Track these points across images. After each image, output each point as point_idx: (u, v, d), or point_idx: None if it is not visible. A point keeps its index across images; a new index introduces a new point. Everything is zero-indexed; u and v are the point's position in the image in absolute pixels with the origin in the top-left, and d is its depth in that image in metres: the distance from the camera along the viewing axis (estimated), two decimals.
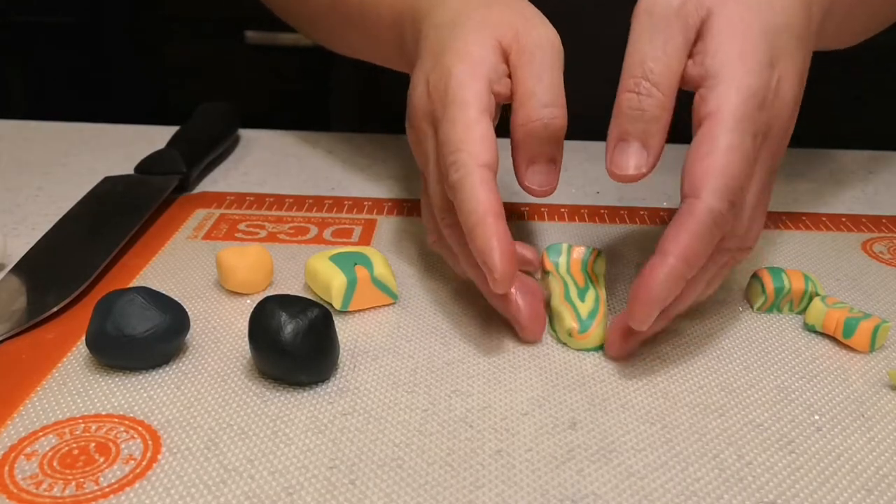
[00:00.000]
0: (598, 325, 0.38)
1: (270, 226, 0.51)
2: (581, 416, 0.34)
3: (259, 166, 0.62)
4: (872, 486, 0.31)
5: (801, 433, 0.34)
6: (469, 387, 0.36)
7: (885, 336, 0.40)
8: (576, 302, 0.39)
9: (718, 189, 0.34)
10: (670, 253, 0.34)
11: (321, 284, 0.41)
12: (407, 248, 0.48)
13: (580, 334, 0.38)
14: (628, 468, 0.31)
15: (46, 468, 0.31)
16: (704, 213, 0.34)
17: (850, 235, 0.52)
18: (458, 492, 0.30)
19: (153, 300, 0.36)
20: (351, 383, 0.36)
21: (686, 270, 0.34)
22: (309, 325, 0.34)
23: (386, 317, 0.41)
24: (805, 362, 0.39)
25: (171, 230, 0.50)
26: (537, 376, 0.37)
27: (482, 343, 0.39)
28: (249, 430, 0.33)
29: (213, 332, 0.39)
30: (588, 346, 0.38)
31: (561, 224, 0.52)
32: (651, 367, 0.38)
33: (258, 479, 0.30)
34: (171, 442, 0.32)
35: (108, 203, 0.52)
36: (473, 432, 0.33)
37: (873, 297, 0.45)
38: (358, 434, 0.33)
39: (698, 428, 0.34)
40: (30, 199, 0.55)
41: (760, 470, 0.32)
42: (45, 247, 0.46)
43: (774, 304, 0.42)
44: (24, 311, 0.40)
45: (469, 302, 0.42)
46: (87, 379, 0.36)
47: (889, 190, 0.60)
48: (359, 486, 0.30)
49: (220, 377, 0.36)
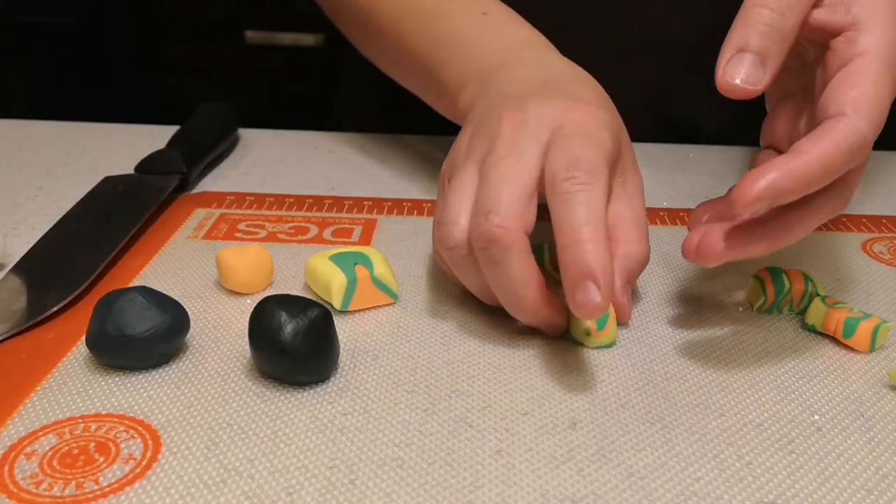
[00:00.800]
0: (613, 322, 0.39)
1: (270, 225, 0.51)
2: (581, 416, 0.34)
3: (259, 166, 0.62)
4: (872, 486, 0.31)
5: (800, 433, 0.34)
6: (469, 387, 0.36)
7: (885, 336, 0.40)
8: None
9: (869, 114, 0.34)
10: (807, 152, 0.33)
11: (321, 284, 0.41)
12: (407, 248, 0.48)
13: (598, 332, 0.38)
14: (628, 468, 0.31)
15: (46, 468, 0.31)
16: (850, 129, 0.34)
17: (850, 235, 0.52)
18: (458, 492, 0.30)
19: (153, 300, 0.36)
20: (351, 383, 0.36)
21: (818, 173, 0.33)
22: (309, 325, 0.34)
23: (386, 317, 0.41)
24: (805, 362, 0.39)
25: (171, 230, 0.50)
26: (537, 376, 0.37)
27: (482, 343, 0.39)
28: (249, 430, 0.33)
29: (213, 332, 0.39)
30: (605, 343, 0.39)
31: None
32: (651, 367, 0.38)
33: (258, 479, 0.30)
34: (171, 442, 0.32)
35: (108, 203, 0.52)
36: (473, 432, 0.33)
37: (873, 297, 0.45)
38: (358, 434, 0.33)
39: (698, 428, 0.34)
40: (30, 199, 0.55)
41: (760, 470, 0.32)
42: (45, 247, 0.46)
43: (774, 304, 0.42)
44: (24, 311, 0.40)
45: (469, 302, 0.42)
46: (87, 379, 0.36)
47: (889, 190, 0.60)
48: (359, 486, 0.30)
49: (220, 377, 0.36)
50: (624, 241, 0.39)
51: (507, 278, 0.37)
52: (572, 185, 0.36)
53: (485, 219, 0.36)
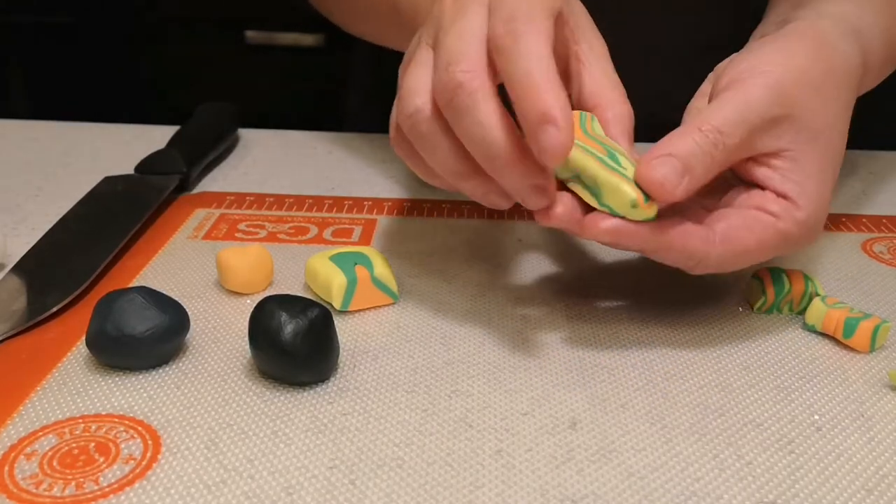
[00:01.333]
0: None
1: (270, 226, 0.51)
2: (581, 416, 0.34)
3: (259, 166, 0.62)
4: (872, 486, 0.31)
5: (800, 433, 0.34)
6: (469, 387, 0.36)
7: (885, 336, 0.40)
8: (622, 169, 0.36)
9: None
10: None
11: (321, 284, 0.41)
12: (407, 248, 0.48)
13: (646, 204, 0.35)
14: (628, 468, 0.31)
15: (46, 468, 0.31)
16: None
17: (850, 235, 0.52)
18: (457, 492, 0.30)
19: (153, 300, 0.36)
20: (351, 383, 0.36)
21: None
22: (309, 325, 0.34)
23: (386, 317, 0.41)
24: (805, 362, 0.39)
25: (171, 230, 0.50)
26: (537, 376, 0.37)
27: (482, 343, 0.39)
28: (249, 430, 0.33)
29: (213, 332, 0.39)
30: (651, 216, 0.35)
31: None
32: (651, 367, 0.38)
33: (258, 479, 0.30)
34: (171, 442, 0.32)
35: (108, 203, 0.52)
36: (473, 432, 0.33)
37: (873, 297, 0.45)
38: (358, 434, 0.33)
39: (698, 428, 0.34)
40: (30, 199, 0.55)
41: (760, 470, 0.32)
42: (45, 247, 0.46)
43: (774, 305, 0.42)
44: (24, 311, 0.40)
45: (469, 302, 0.42)
46: (87, 379, 0.36)
47: (889, 190, 0.60)
48: (359, 486, 0.30)
49: (220, 377, 0.36)
50: (610, 103, 0.40)
51: (479, 124, 0.35)
52: (512, 38, 0.35)
53: (446, 71, 0.35)
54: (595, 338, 0.40)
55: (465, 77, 0.35)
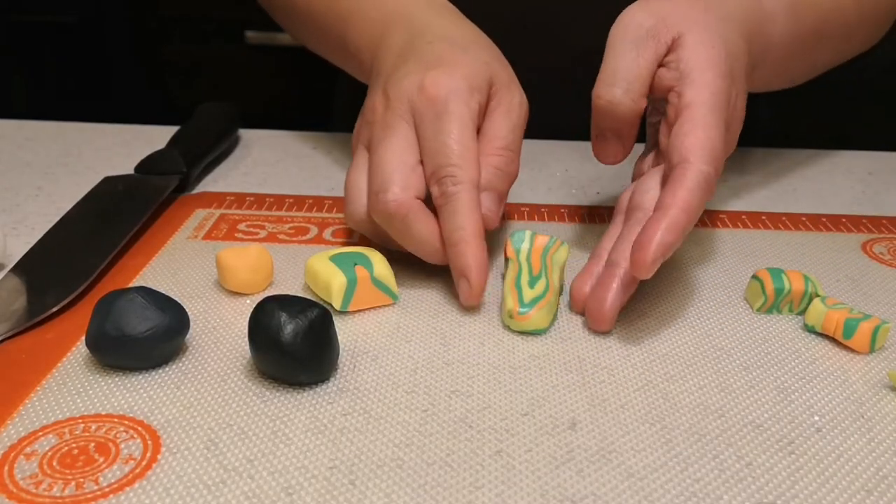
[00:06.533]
0: (540, 310, 0.39)
1: (270, 226, 0.51)
2: (581, 417, 0.34)
3: (259, 166, 0.62)
4: (872, 486, 0.31)
5: (800, 434, 0.34)
6: (469, 387, 0.36)
7: (885, 337, 0.40)
8: (524, 287, 0.41)
9: (706, 156, 0.39)
10: (671, 206, 0.38)
11: (321, 284, 0.41)
12: None
13: (519, 315, 0.39)
14: (628, 469, 0.31)
15: (46, 468, 0.31)
16: (697, 173, 0.39)
17: (850, 236, 0.52)
18: (457, 492, 0.30)
19: (153, 300, 0.36)
20: (351, 383, 0.36)
21: (686, 222, 0.38)
22: (309, 325, 0.34)
23: (386, 317, 0.41)
24: (805, 363, 0.39)
25: (171, 230, 0.50)
26: (537, 376, 0.37)
27: (482, 343, 0.39)
28: (249, 430, 0.33)
29: (213, 332, 0.39)
30: (528, 328, 0.39)
31: (560, 224, 0.52)
32: (651, 367, 0.38)
33: (258, 479, 0.30)
34: (171, 442, 0.32)
35: (108, 203, 0.52)
36: (473, 432, 0.33)
37: (873, 297, 0.45)
38: (358, 434, 0.33)
39: (698, 429, 0.34)
40: (30, 199, 0.55)
41: (760, 471, 0.32)
42: (45, 247, 0.46)
43: (774, 305, 0.42)
44: (24, 311, 0.40)
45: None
46: (86, 379, 0.36)
47: (889, 190, 0.60)
48: (358, 487, 0.30)
49: (220, 377, 0.36)
50: (493, 152, 0.44)
51: (417, 241, 0.42)
52: (445, 190, 0.41)
53: (377, 199, 0.41)
54: (595, 338, 0.40)
55: (394, 206, 0.41)
